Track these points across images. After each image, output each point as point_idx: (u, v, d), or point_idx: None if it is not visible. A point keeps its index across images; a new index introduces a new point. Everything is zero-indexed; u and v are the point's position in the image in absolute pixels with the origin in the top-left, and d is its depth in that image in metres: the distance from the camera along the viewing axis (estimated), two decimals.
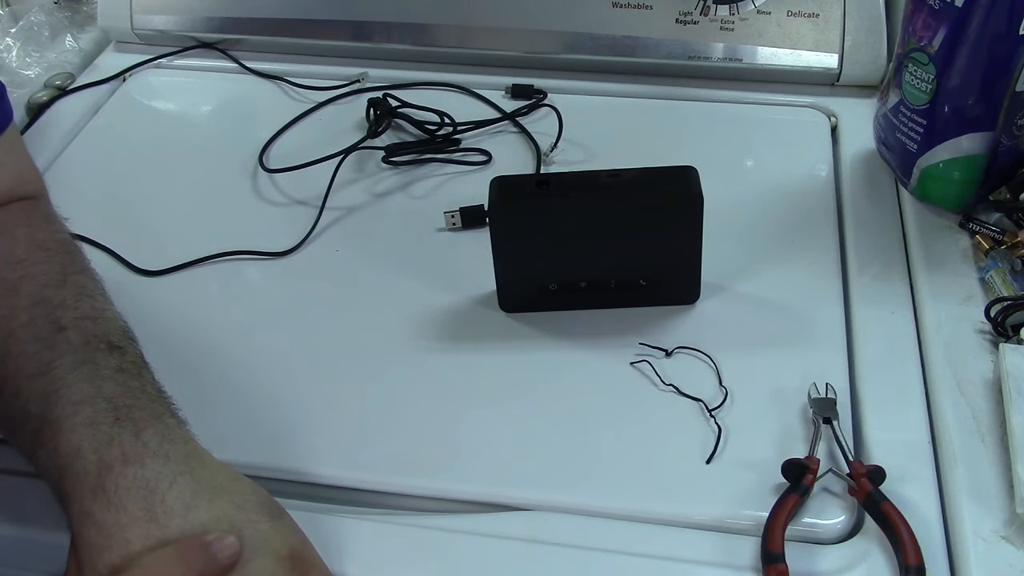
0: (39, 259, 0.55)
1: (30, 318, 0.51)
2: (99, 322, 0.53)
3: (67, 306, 0.52)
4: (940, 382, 0.58)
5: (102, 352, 0.50)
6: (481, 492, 0.55)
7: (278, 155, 0.81)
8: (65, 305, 0.52)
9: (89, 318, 0.52)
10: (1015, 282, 0.63)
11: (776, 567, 0.48)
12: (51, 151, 0.82)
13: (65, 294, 0.53)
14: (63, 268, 0.55)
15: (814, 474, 0.52)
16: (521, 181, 0.63)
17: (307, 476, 0.56)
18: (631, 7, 0.85)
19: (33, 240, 0.57)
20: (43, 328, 0.51)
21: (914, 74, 0.66)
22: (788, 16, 0.83)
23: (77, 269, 0.56)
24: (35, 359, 0.49)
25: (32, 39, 0.93)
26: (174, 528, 0.44)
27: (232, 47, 0.93)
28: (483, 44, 0.88)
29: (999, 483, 0.52)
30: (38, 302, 0.52)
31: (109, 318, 0.54)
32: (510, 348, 0.63)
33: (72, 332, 0.51)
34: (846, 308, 0.64)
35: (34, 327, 0.51)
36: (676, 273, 0.63)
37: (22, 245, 0.56)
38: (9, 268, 0.54)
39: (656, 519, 0.53)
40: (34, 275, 0.54)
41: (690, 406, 0.58)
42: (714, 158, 0.65)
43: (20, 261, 0.55)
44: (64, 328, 0.51)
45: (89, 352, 0.50)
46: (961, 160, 0.66)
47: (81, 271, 0.56)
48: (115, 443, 0.45)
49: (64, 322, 0.51)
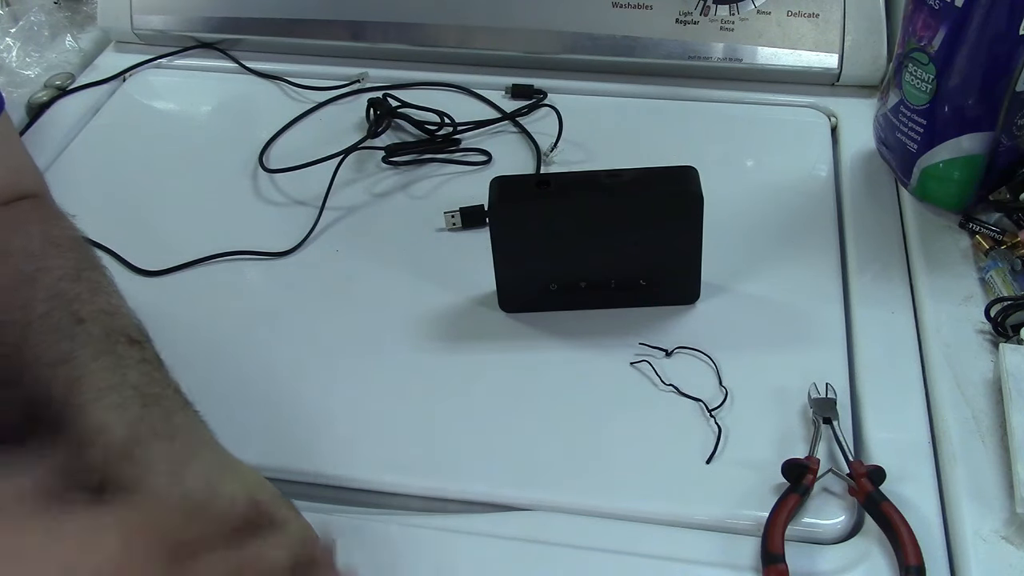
0: (54, 254, 0.55)
1: (48, 309, 0.51)
2: (116, 317, 0.53)
3: (84, 300, 0.53)
4: (940, 382, 0.58)
5: (123, 344, 0.51)
6: (481, 492, 0.55)
7: (278, 155, 0.81)
8: (82, 299, 0.53)
9: (107, 312, 0.52)
10: (1015, 282, 0.63)
11: (776, 567, 0.48)
12: (51, 151, 0.82)
13: (81, 288, 0.53)
14: (77, 264, 0.55)
15: (814, 474, 0.52)
16: (521, 181, 0.63)
17: (307, 476, 0.56)
18: (631, 7, 0.85)
19: (47, 236, 0.57)
20: (62, 319, 0.51)
21: (914, 74, 0.66)
22: (788, 16, 0.83)
23: (91, 265, 0.57)
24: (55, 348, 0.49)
25: (32, 39, 0.93)
26: (198, 493, 0.45)
27: (232, 47, 0.93)
28: (483, 44, 0.88)
29: (999, 483, 0.52)
30: (55, 295, 0.52)
31: (125, 314, 0.54)
32: (510, 348, 0.63)
33: (91, 324, 0.51)
34: (846, 308, 0.64)
35: (52, 318, 0.51)
36: (676, 273, 0.63)
37: (36, 241, 0.56)
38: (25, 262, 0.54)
39: (656, 519, 0.53)
40: (50, 269, 0.54)
41: (690, 406, 0.58)
42: (714, 158, 0.65)
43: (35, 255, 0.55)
44: (83, 320, 0.51)
45: (110, 343, 0.50)
46: (961, 160, 0.66)
47: (94, 267, 0.57)
48: (144, 421, 0.46)
49: (83, 314, 0.51)
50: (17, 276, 0.53)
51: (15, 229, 0.57)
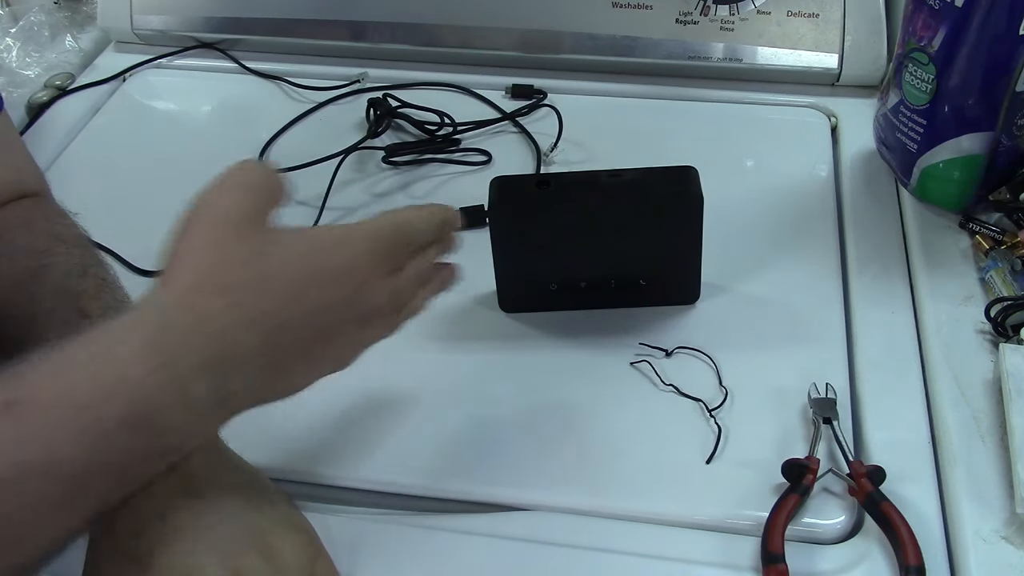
0: (59, 251, 0.55)
1: (54, 305, 0.51)
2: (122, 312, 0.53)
3: (89, 296, 0.53)
4: (940, 382, 0.58)
5: None
6: (481, 492, 0.55)
7: (278, 155, 0.81)
8: (88, 295, 0.53)
9: (112, 308, 0.53)
10: (1015, 282, 0.63)
11: (776, 567, 0.48)
12: (51, 151, 0.82)
13: (87, 285, 0.53)
14: (83, 260, 0.56)
15: (814, 474, 0.52)
16: (521, 181, 0.63)
17: (306, 476, 0.56)
18: (631, 7, 0.85)
19: (52, 233, 0.57)
20: (68, 314, 0.51)
21: (914, 74, 0.66)
22: (788, 16, 0.83)
23: (95, 262, 0.57)
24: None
25: (32, 39, 0.93)
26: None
27: (232, 47, 0.93)
28: (483, 44, 0.88)
29: (999, 483, 0.52)
30: (61, 291, 0.52)
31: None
32: (510, 348, 0.63)
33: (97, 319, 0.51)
34: (846, 308, 0.64)
35: (59, 313, 0.51)
36: (676, 273, 0.63)
37: (42, 237, 0.56)
38: (31, 258, 0.54)
39: (656, 519, 0.53)
40: (56, 265, 0.54)
41: (690, 406, 0.58)
42: (714, 158, 0.65)
43: (41, 252, 0.55)
44: (89, 315, 0.51)
45: None
46: (961, 160, 0.66)
47: (99, 264, 0.57)
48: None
49: (89, 310, 0.51)
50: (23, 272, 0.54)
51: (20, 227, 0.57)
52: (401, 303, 0.50)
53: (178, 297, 0.41)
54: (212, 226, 0.43)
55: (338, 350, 0.47)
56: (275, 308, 0.42)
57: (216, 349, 0.40)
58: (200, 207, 0.44)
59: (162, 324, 0.40)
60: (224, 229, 0.43)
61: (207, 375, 0.40)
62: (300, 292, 0.43)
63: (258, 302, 0.41)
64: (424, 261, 0.51)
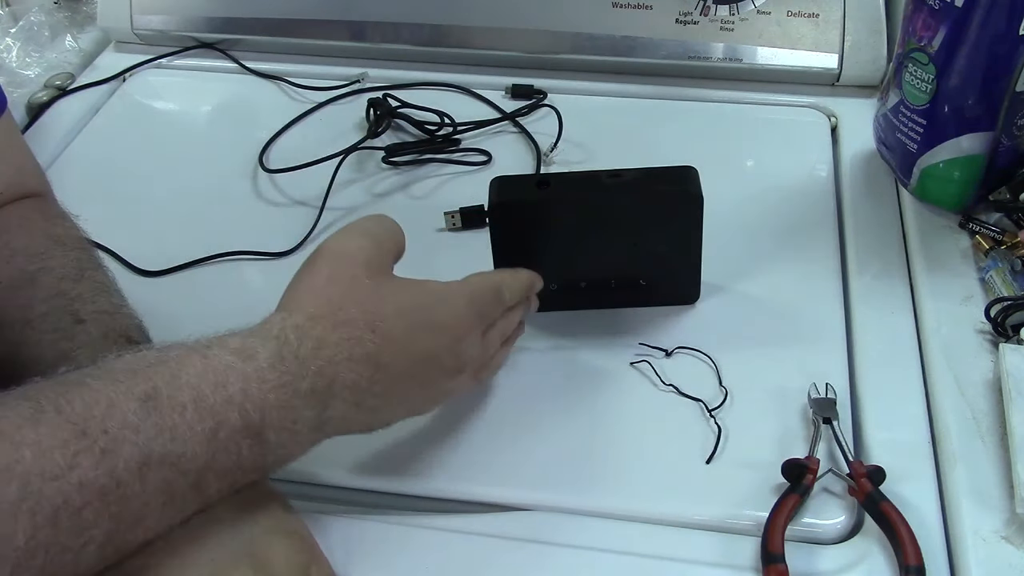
0: (56, 253, 0.56)
1: (48, 309, 0.52)
2: (117, 317, 0.53)
3: (84, 299, 0.53)
4: (940, 382, 0.58)
5: (120, 344, 0.51)
6: (481, 492, 0.55)
7: (278, 155, 0.81)
8: (83, 299, 0.53)
9: (107, 313, 0.53)
10: (1015, 282, 0.63)
11: (776, 567, 0.48)
12: (51, 151, 0.82)
13: (82, 288, 0.54)
14: (80, 263, 0.56)
15: (814, 474, 0.52)
16: (521, 181, 0.63)
17: (307, 477, 0.56)
18: (631, 7, 0.85)
19: (50, 235, 0.57)
20: (61, 319, 0.51)
21: (914, 74, 0.66)
22: (788, 16, 0.83)
23: (93, 265, 0.57)
24: (53, 348, 0.50)
25: (32, 39, 0.93)
26: None
27: (232, 47, 0.93)
28: (483, 44, 0.88)
29: (999, 483, 0.52)
30: (56, 294, 0.53)
31: (126, 314, 0.54)
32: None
33: (91, 324, 0.51)
34: (846, 308, 0.64)
35: (52, 318, 0.51)
36: (676, 273, 0.63)
37: (39, 239, 0.56)
38: (27, 260, 0.55)
39: (656, 519, 0.53)
40: (52, 268, 0.54)
41: (690, 406, 0.58)
42: (714, 158, 0.65)
43: (38, 254, 0.55)
44: (83, 320, 0.51)
45: (107, 344, 0.50)
46: (961, 160, 0.66)
47: (96, 267, 0.57)
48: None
49: (82, 315, 0.52)
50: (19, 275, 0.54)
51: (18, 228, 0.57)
52: (488, 357, 0.54)
53: (300, 322, 0.44)
54: (338, 264, 0.47)
55: (426, 396, 0.51)
56: (383, 350, 0.45)
57: (327, 378, 0.44)
58: (329, 246, 0.49)
59: (282, 346, 0.43)
60: (348, 268, 0.47)
61: (314, 401, 0.43)
62: (408, 339, 0.47)
63: (370, 341, 0.45)
64: (511, 321, 0.56)
